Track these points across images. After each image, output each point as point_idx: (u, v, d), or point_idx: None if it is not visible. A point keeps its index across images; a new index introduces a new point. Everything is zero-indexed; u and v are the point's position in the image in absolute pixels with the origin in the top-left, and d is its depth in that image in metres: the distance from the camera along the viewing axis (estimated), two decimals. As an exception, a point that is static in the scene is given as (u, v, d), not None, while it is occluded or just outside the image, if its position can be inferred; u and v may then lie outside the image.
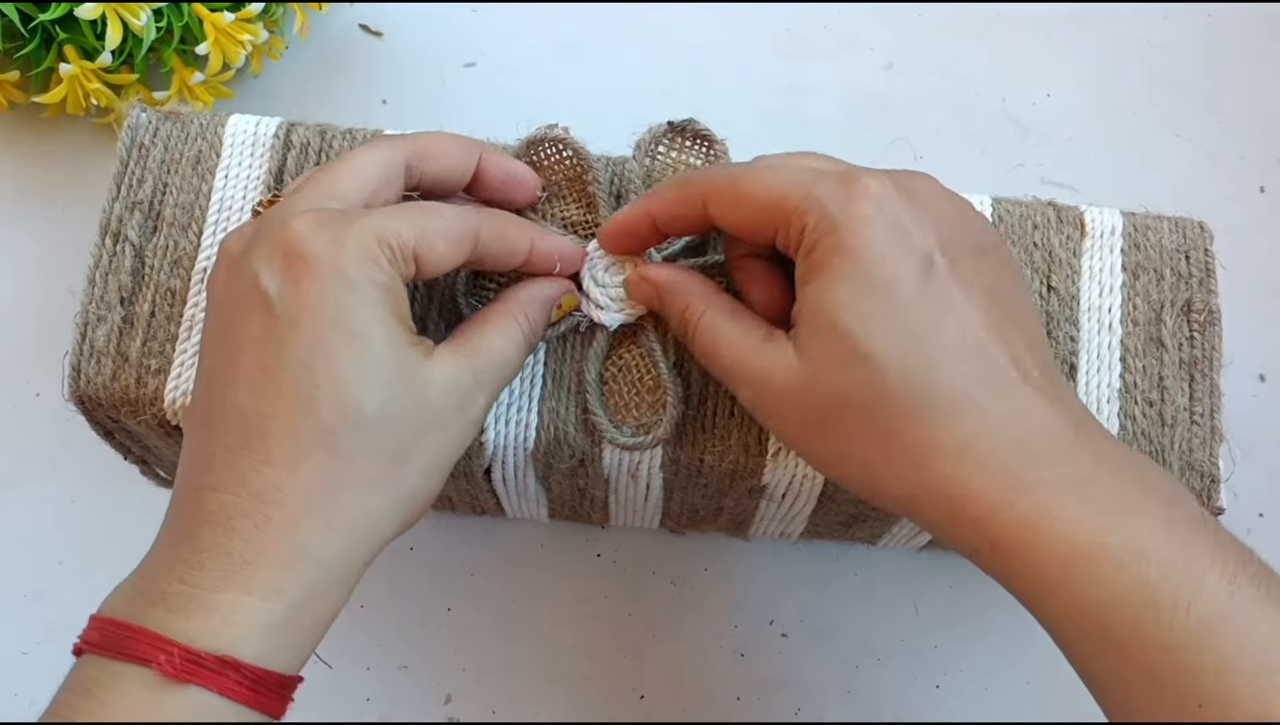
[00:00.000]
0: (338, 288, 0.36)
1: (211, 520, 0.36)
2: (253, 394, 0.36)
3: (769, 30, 0.68)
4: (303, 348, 0.36)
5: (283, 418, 0.36)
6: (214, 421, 0.37)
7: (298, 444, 0.36)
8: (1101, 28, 0.69)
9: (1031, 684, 0.56)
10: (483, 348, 0.40)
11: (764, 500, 0.49)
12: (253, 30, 0.61)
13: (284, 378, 0.36)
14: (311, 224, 0.37)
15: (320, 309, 0.36)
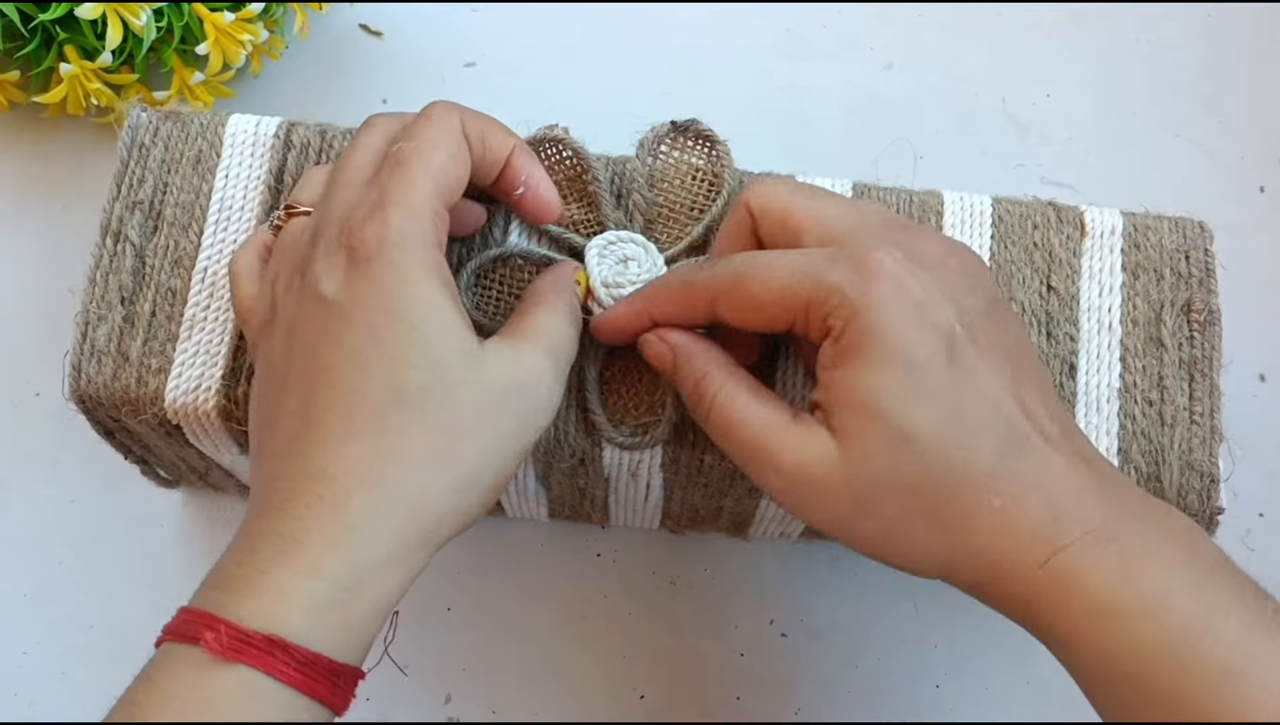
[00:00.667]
0: (386, 276, 0.37)
1: (270, 506, 0.36)
2: (310, 387, 0.37)
3: (769, 30, 0.68)
4: (356, 337, 0.37)
5: (337, 405, 0.37)
6: (279, 416, 0.38)
7: (350, 426, 0.36)
8: (1101, 27, 0.69)
9: (1031, 684, 0.56)
10: (537, 327, 0.41)
11: (764, 500, 0.49)
12: (253, 30, 0.60)
13: (339, 368, 0.37)
14: (361, 218, 0.38)
15: (370, 299, 0.37)
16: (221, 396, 0.45)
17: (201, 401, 0.45)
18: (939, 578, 0.39)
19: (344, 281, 0.37)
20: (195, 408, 0.45)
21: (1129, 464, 0.45)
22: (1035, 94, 0.67)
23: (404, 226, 0.37)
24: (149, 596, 0.56)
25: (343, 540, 0.35)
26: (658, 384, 0.45)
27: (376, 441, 0.36)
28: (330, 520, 0.36)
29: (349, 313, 0.37)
